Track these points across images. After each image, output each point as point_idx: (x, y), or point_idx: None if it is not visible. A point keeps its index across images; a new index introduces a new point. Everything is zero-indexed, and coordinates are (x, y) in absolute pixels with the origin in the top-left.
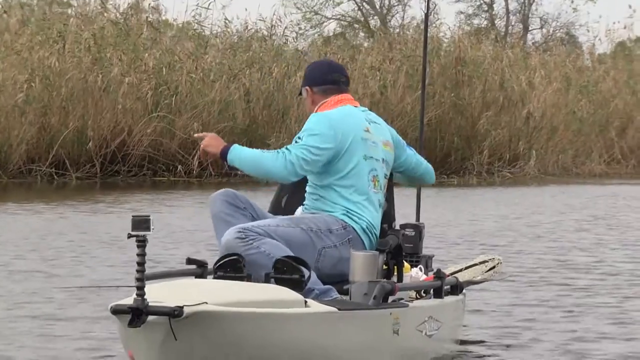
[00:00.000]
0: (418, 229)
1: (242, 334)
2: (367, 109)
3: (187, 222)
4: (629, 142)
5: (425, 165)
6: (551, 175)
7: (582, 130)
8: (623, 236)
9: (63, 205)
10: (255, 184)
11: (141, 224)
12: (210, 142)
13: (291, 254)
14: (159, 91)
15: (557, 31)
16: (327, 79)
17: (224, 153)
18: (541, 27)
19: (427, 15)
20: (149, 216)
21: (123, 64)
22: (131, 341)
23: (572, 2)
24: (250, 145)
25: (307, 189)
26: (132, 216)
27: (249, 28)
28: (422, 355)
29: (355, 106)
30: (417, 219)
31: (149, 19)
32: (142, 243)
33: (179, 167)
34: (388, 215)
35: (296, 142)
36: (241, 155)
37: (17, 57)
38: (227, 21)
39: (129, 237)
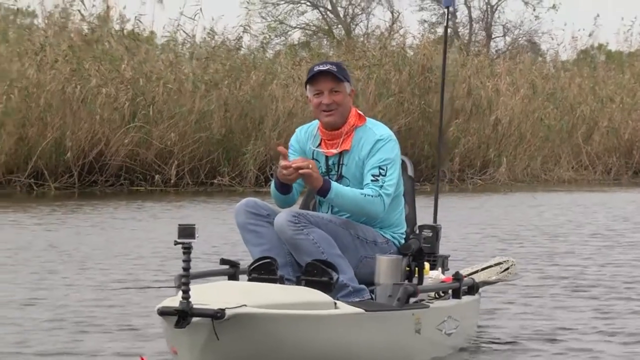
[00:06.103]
0: (435, 230)
1: (279, 334)
2: None
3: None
4: (595, 148)
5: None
6: (521, 182)
7: (550, 137)
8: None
9: (42, 215)
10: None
11: (187, 231)
12: (314, 170)
13: (337, 248)
14: (136, 102)
15: (519, 38)
16: None
17: (326, 188)
18: (504, 35)
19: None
20: (194, 225)
21: (101, 75)
22: (176, 340)
23: (534, 10)
24: (227, 154)
25: None
26: (179, 225)
27: (216, 39)
28: (441, 353)
29: None
30: (434, 220)
31: (127, 31)
32: (187, 250)
33: (156, 176)
34: (410, 219)
35: (380, 172)
36: (342, 193)
37: None
38: (212, 32)
39: (175, 244)
